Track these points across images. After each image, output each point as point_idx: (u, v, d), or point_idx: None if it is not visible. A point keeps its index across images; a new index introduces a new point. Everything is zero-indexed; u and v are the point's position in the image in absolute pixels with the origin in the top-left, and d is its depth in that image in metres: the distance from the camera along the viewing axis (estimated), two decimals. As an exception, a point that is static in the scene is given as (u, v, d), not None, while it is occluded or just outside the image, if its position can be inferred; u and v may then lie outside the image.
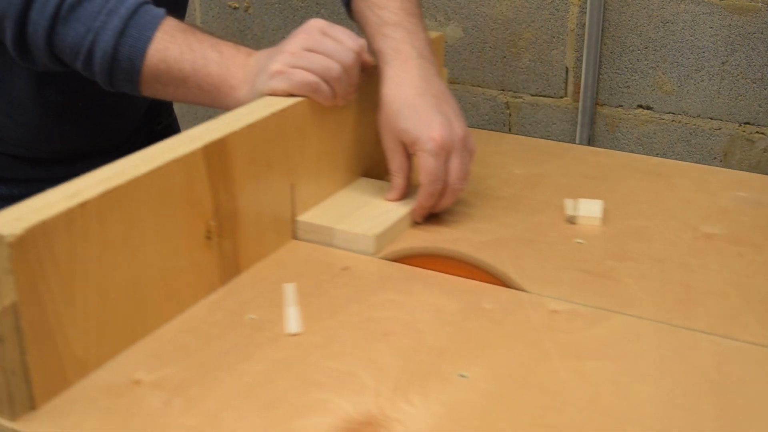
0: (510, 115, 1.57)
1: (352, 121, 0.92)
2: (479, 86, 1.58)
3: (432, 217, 0.90)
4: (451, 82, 1.58)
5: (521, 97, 1.55)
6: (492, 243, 0.85)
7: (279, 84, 0.82)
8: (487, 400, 0.63)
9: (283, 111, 0.80)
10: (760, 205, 0.95)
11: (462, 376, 0.66)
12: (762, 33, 1.35)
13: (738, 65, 1.39)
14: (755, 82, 1.38)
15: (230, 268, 0.78)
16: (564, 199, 0.93)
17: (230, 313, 0.73)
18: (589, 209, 0.90)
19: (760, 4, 1.34)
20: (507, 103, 1.57)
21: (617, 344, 0.70)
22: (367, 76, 0.89)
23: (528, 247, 0.85)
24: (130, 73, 0.83)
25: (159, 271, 0.70)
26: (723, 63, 1.39)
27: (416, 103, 0.85)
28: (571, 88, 1.52)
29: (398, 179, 0.89)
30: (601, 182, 1.00)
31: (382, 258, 0.81)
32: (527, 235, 0.87)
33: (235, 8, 1.81)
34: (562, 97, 1.53)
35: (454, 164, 0.85)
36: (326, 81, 0.83)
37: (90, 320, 0.64)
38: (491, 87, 1.58)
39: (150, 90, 0.85)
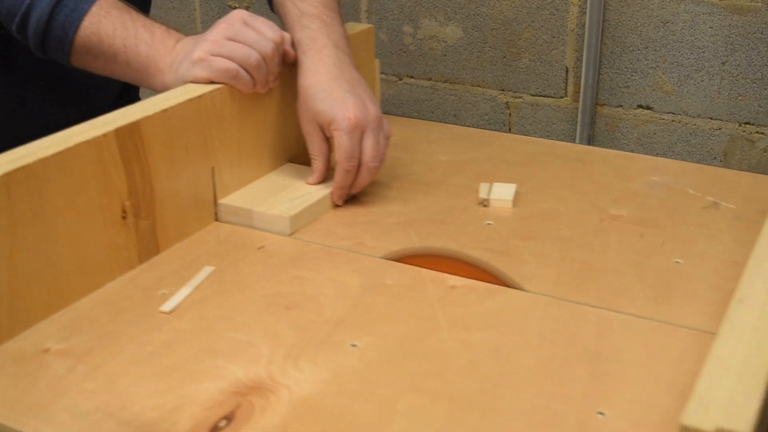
0: (510, 115, 1.58)
1: (276, 109, 0.96)
2: (479, 86, 1.58)
3: (351, 199, 0.94)
4: (451, 82, 1.59)
5: (521, 97, 1.56)
6: (403, 224, 0.89)
7: (200, 71, 0.86)
8: (372, 367, 0.67)
9: (200, 98, 0.84)
10: (670, 189, 0.98)
11: (353, 345, 0.70)
12: (762, 33, 1.35)
13: (738, 65, 1.39)
14: (755, 82, 1.38)
15: (148, 247, 0.82)
16: (480, 183, 0.97)
17: (144, 289, 0.77)
18: (501, 192, 0.94)
19: (760, 4, 1.34)
20: (507, 103, 1.57)
21: (505, 317, 0.74)
22: (290, 67, 0.93)
23: (438, 228, 0.89)
24: (62, 42, 0.87)
25: (73, 248, 0.74)
26: (723, 63, 1.39)
27: (330, 87, 0.89)
28: (571, 88, 1.52)
29: (317, 162, 0.92)
30: (522, 168, 1.04)
31: (383, 258, 0.83)
32: (439, 217, 0.91)
33: (234, 8, 1.82)
34: (562, 97, 1.53)
35: (369, 143, 0.89)
36: (246, 69, 0.87)
37: (1, 293, 0.68)
38: (491, 87, 1.58)
39: (80, 61, 0.89)
